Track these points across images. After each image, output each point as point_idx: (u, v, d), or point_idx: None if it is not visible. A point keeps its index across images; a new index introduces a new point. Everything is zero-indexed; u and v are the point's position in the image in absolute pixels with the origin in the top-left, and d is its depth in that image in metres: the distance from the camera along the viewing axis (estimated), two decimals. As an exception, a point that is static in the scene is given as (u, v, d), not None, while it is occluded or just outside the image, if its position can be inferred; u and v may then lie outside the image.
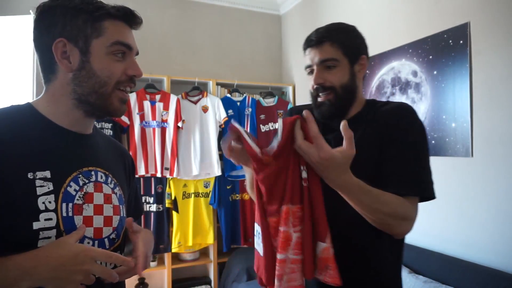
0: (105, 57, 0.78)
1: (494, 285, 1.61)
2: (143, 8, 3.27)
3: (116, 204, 0.85)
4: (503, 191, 1.74)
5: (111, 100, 0.80)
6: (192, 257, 3.19)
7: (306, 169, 0.82)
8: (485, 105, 1.82)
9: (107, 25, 0.78)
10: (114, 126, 2.85)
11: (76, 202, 0.76)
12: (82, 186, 0.77)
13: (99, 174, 0.82)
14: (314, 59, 1.01)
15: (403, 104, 1.00)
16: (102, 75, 0.78)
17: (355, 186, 0.82)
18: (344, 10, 2.86)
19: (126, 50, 0.81)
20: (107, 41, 0.78)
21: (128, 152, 1.03)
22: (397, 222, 0.87)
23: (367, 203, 0.83)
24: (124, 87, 0.81)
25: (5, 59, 2.48)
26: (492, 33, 1.79)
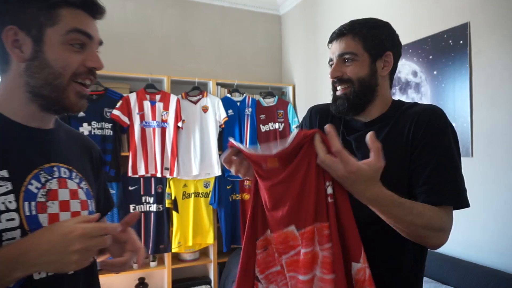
0: (60, 46, 0.72)
1: (494, 285, 1.61)
2: (143, 8, 3.27)
3: (84, 199, 0.82)
4: (503, 191, 1.74)
5: (66, 94, 0.74)
6: (192, 257, 3.19)
7: (332, 185, 0.77)
8: (485, 105, 1.82)
9: (64, 13, 0.72)
10: (114, 126, 2.86)
11: (39, 200, 0.73)
12: (45, 183, 0.74)
13: (62, 170, 0.79)
14: (334, 52, 0.99)
15: (432, 106, 0.95)
16: (56, 65, 0.72)
17: (387, 199, 0.77)
18: (344, 10, 2.86)
19: (85, 40, 0.75)
20: (62, 29, 0.72)
21: (94, 144, 0.98)
22: (433, 233, 0.83)
23: (400, 215, 0.79)
24: (82, 79, 0.76)
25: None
26: (492, 33, 1.79)
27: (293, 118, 3.45)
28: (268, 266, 0.83)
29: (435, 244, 0.86)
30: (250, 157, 0.81)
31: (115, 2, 3.16)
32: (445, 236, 0.86)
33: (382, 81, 0.99)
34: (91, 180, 0.88)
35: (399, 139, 0.92)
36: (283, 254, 0.80)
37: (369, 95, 0.98)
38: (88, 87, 0.78)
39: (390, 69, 0.99)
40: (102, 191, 0.98)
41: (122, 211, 2.88)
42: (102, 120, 2.82)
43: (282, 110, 3.47)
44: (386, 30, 1.01)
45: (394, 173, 0.89)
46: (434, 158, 0.88)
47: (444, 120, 0.92)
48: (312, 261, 0.76)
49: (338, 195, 0.77)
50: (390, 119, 0.97)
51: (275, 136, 3.40)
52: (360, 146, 0.96)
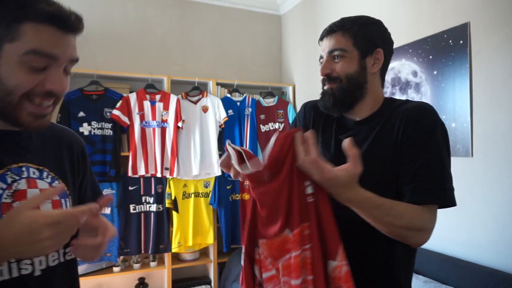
0: (15, 65, 0.67)
1: (494, 285, 1.61)
2: (143, 8, 3.27)
3: (56, 199, 0.80)
4: (503, 191, 1.74)
5: (19, 113, 0.69)
6: (192, 257, 3.19)
7: (312, 184, 0.78)
8: (485, 105, 1.82)
9: (26, 29, 0.66)
10: (114, 126, 2.86)
11: (4, 201, 0.70)
12: (11, 184, 0.72)
13: (31, 170, 0.77)
14: (324, 49, 0.99)
15: (422, 103, 0.95)
16: (9, 83, 0.67)
17: (365, 201, 0.79)
18: (344, 10, 2.86)
19: (46, 62, 0.69)
20: (21, 48, 0.66)
21: (77, 138, 0.94)
22: (412, 233, 0.84)
23: (379, 216, 0.80)
24: (40, 100, 0.70)
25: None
26: (492, 33, 1.79)
27: (293, 118, 3.45)
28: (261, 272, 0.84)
29: (416, 242, 0.87)
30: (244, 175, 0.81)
31: (115, 2, 3.16)
32: (426, 235, 0.86)
33: (372, 78, 0.99)
34: (67, 178, 0.85)
35: (389, 138, 0.92)
36: (279, 258, 0.80)
37: (357, 92, 0.97)
38: (48, 108, 0.73)
39: (380, 66, 0.99)
40: (88, 182, 0.95)
41: (122, 211, 2.89)
42: (102, 120, 2.82)
43: (282, 110, 3.47)
44: (377, 27, 1.00)
45: (385, 171, 0.89)
46: (422, 156, 0.87)
47: (434, 118, 0.91)
48: (304, 264, 0.76)
49: (318, 194, 0.78)
50: (381, 117, 0.96)
51: (275, 136, 3.40)
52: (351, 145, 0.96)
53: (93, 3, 3.05)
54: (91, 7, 3.02)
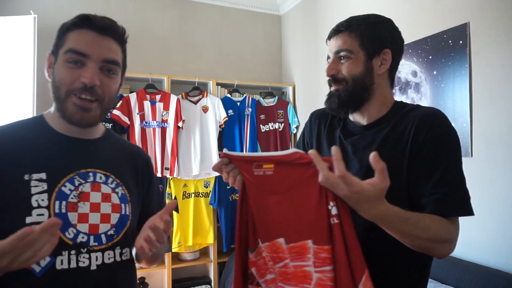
0: (62, 64, 0.83)
1: (494, 285, 1.61)
2: (143, 8, 3.27)
3: (117, 203, 0.90)
4: (503, 191, 1.74)
5: (66, 105, 0.83)
6: (192, 257, 3.20)
7: (336, 205, 0.74)
8: (485, 105, 1.83)
9: (70, 35, 0.84)
10: (114, 126, 2.86)
11: (71, 200, 0.83)
12: (78, 186, 0.85)
13: (98, 175, 0.88)
14: (331, 49, 0.97)
15: (434, 110, 0.91)
16: (57, 81, 0.84)
17: (392, 216, 0.76)
18: (344, 10, 2.86)
19: (80, 58, 0.83)
20: (64, 49, 0.84)
21: (143, 154, 1.07)
22: (439, 245, 0.82)
23: (406, 231, 0.78)
24: (79, 93, 0.83)
25: (6, 59, 2.49)
26: (491, 33, 1.80)
27: (293, 118, 3.46)
28: (264, 274, 0.83)
29: (442, 254, 0.85)
30: (244, 158, 0.81)
31: (115, 2, 3.16)
32: (452, 246, 0.85)
33: (380, 79, 0.95)
34: (131, 186, 0.96)
35: (397, 144, 0.89)
36: (276, 263, 0.80)
37: (363, 94, 0.94)
38: (91, 102, 0.84)
39: (387, 67, 0.96)
40: (155, 196, 1.08)
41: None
42: (102, 120, 2.82)
43: (282, 110, 3.47)
44: (386, 26, 0.98)
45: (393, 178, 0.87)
46: (440, 167, 0.85)
47: (448, 126, 0.89)
48: (304, 277, 0.75)
49: (342, 216, 0.74)
50: (389, 121, 0.93)
51: (275, 136, 3.41)
52: (356, 151, 0.94)
53: (93, 3, 3.06)
54: (91, 7, 3.02)
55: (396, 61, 0.99)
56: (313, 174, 0.75)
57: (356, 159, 0.93)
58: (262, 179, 0.81)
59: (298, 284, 0.75)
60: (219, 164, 0.84)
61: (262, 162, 0.81)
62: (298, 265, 0.76)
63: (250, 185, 0.83)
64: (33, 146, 0.84)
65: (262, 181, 0.81)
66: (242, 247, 0.84)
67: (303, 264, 0.75)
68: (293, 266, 0.76)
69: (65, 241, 0.80)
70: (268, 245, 0.81)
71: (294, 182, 0.78)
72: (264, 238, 0.82)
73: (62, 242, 0.79)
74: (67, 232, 0.81)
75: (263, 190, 0.81)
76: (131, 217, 0.93)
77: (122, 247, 0.90)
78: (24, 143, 0.84)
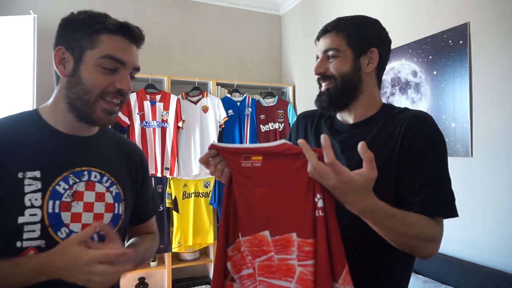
0: (93, 67, 0.82)
1: (494, 285, 1.61)
2: (143, 8, 3.27)
3: (110, 202, 0.90)
4: (503, 191, 1.74)
5: (94, 108, 0.83)
6: (192, 257, 3.20)
7: (323, 198, 0.73)
8: (485, 105, 1.83)
9: (103, 39, 0.82)
10: (114, 126, 2.86)
11: (64, 200, 0.82)
12: (72, 185, 0.84)
13: (92, 174, 0.88)
14: (320, 49, 0.99)
15: (422, 113, 0.93)
16: (88, 83, 0.82)
17: (380, 210, 0.76)
18: (343, 10, 2.86)
19: (117, 65, 0.83)
20: (98, 53, 0.82)
21: (137, 150, 1.06)
22: (424, 244, 0.82)
23: (393, 226, 0.78)
24: (110, 98, 0.84)
25: (6, 59, 2.49)
26: (491, 33, 1.80)
27: (293, 118, 3.46)
28: (241, 269, 0.82)
29: (426, 254, 0.85)
30: (233, 150, 0.81)
31: (115, 2, 3.16)
32: (436, 246, 0.85)
33: (367, 78, 0.98)
34: (126, 184, 0.95)
35: (386, 144, 0.90)
36: (256, 257, 0.79)
37: (352, 91, 0.96)
38: (116, 106, 0.86)
39: (375, 66, 0.97)
40: (150, 193, 1.08)
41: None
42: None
43: (282, 110, 3.47)
44: (373, 26, 0.99)
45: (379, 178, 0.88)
46: (427, 167, 0.87)
47: (436, 128, 0.91)
48: (287, 271, 0.74)
49: (328, 209, 0.73)
50: (377, 122, 0.95)
51: (275, 136, 3.41)
52: (345, 149, 0.95)
53: (93, 3, 3.06)
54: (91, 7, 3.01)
55: (384, 61, 1.01)
56: (301, 166, 0.75)
57: (344, 158, 0.94)
58: (250, 171, 0.80)
59: (281, 277, 0.75)
60: (206, 156, 0.84)
61: (250, 154, 0.80)
62: (282, 258, 0.75)
63: (237, 177, 0.83)
64: (28, 143, 0.82)
65: (250, 173, 0.81)
66: (224, 241, 0.84)
67: (287, 257, 0.75)
68: (277, 259, 0.76)
69: (57, 241, 0.80)
70: (249, 239, 0.80)
71: (282, 174, 0.77)
72: (246, 231, 0.81)
73: (54, 242, 0.79)
74: (59, 232, 0.80)
75: (251, 183, 0.81)
76: (123, 216, 0.93)
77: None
78: (18, 139, 0.81)
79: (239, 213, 0.83)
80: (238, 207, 0.83)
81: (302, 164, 0.75)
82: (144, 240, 1.04)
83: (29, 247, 0.77)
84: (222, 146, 0.83)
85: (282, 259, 0.75)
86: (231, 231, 0.84)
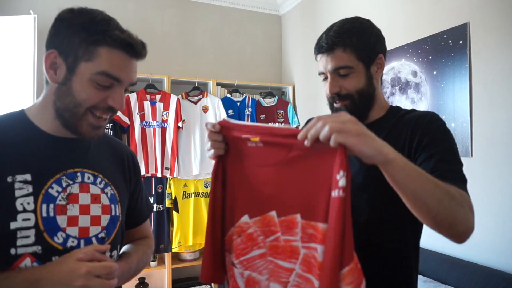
0: (87, 82, 0.77)
1: (494, 285, 1.61)
2: (143, 8, 3.27)
3: (106, 204, 0.86)
4: (503, 191, 1.74)
5: (81, 122, 0.79)
6: (192, 257, 3.20)
7: (345, 176, 0.63)
8: (485, 105, 1.83)
9: (101, 52, 0.76)
10: (114, 126, 2.86)
11: (59, 203, 0.78)
12: (66, 187, 0.80)
13: (85, 175, 0.84)
14: (326, 67, 0.94)
15: (429, 112, 0.94)
16: (78, 97, 0.77)
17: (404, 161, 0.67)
18: (343, 11, 2.86)
19: (112, 82, 0.78)
20: (95, 68, 0.76)
21: (128, 150, 1.02)
22: (466, 211, 0.72)
23: (428, 186, 0.68)
24: (100, 113, 0.80)
25: (6, 59, 2.49)
26: (491, 33, 1.80)
27: (293, 118, 3.46)
28: (243, 253, 0.80)
29: (465, 229, 0.73)
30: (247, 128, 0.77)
31: (115, 2, 3.16)
32: (473, 220, 0.75)
33: (377, 84, 0.99)
34: (119, 185, 0.92)
35: (397, 143, 0.89)
36: (267, 237, 0.78)
37: (369, 104, 0.97)
38: (105, 120, 0.82)
39: (383, 70, 0.98)
40: (143, 194, 1.04)
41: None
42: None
43: (282, 110, 3.47)
44: (372, 31, 0.98)
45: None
46: (438, 151, 0.84)
47: (443, 122, 0.91)
48: (291, 252, 0.73)
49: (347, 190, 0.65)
50: (386, 123, 0.96)
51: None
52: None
53: (93, 3, 3.05)
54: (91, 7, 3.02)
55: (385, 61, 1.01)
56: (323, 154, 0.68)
57: (356, 158, 0.93)
58: (259, 150, 0.77)
59: (286, 258, 0.74)
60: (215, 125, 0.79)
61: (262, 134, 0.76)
62: (287, 239, 0.74)
63: (237, 157, 0.80)
64: (15, 145, 0.77)
65: (258, 152, 0.77)
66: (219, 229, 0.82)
67: (291, 239, 0.74)
68: (283, 240, 0.75)
69: (54, 246, 0.76)
70: (259, 220, 0.78)
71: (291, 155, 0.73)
72: (254, 212, 0.79)
73: (51, 247, 0.75)
74: (56, 237, 0.76)
75: (254, 163, 0.78)
76: (121, 217, 0.90)
77: (111, 250, 0.87)
78: (4, 141, 0.77)
79: (241, 195, 0.80)
80: (240, 189, 0.80)
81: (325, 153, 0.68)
82: (138, 249, 0.98)
83: (24, 253, 0.73)
84: (235, 123, 0.79)
85: (287, 240, 0.74)
86: (228, 216, 0.81)
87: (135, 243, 1.00)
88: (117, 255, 0.90)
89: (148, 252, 1.01)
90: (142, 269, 0.98)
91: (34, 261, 0.73)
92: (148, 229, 1.09)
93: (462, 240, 0.75)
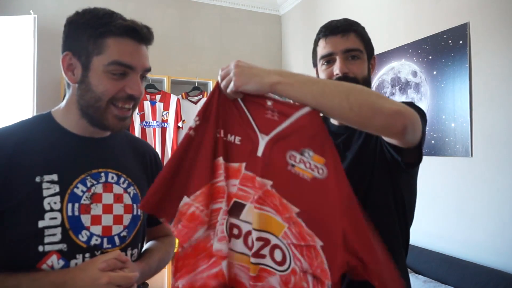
0: (102, 74, 0.79)
1: (494, 285, 1.61)
2: (143, 8, 3.27)
3: (129, 203, 0.89)
4: (503, 191, 1.74)
5: (106, 116, 0.82)
6: (192, 257, 3.19)
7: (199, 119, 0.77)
8: (485, 105, 1.83)
9: (109, 43, 0.79)
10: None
11: (83, 202, 0.81)
12: (90, 187, 0.83)
13: (109, 175, 0.87)
14: (338, 47, 0.93)
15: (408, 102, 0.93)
16: (97, 90, 0.80)
17: (288, 77, 0.71)
18: (343, 10, 2.86)
19: (125, 70, 0.81)
20: (106, 60, 0.79)
21: (151, 150, 1.05)
22: (383, 99, 0.70)
23: (322, 87, 0.69)
24: (121, 104, 0.82)
25: (6, 59, 2.49)
26: (491, 33, 1.80)
27: (293, 118, 3.46)
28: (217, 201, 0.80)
29: (391, 111, 0.68)
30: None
31: (115, 2, 3.16)
32: (398, 106, 0.69)
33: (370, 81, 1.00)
34: (142, 185, 0.93)
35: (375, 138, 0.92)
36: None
37: None
38: (129, 111, 0.85)
39: (374, 71, 1.00)
40: None
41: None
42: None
43: (282, 110, 3.47)
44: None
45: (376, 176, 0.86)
46: None
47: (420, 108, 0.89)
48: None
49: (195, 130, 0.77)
50: None
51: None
52: (348, 148, 0.96)
53: (93, 3, 3.06)
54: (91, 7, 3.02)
55: None
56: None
57: (350, 154, 0.95)
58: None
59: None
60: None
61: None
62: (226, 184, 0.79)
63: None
64: (43, 146, 0.81)
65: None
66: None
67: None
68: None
69: (79, 244, 0.79)
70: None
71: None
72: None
73: (76, 245, 0.79)
74: (80, 235, 0.80)
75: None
76: (142, 217, 0.92)
77: (132, 248, 0.89)
78: (33, 143, 0.81)
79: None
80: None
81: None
82: (160, 248, 1.01)
83: (51, 250, 0.76)
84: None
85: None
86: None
87: (158, 242, 1.03)
88: (138, 253, 0.93)
89: (170, 250, 1.04)
90: (164, 267, 1.02)
91: (60, 258, 0.77)
92: (169, 227, 1.10)
93: (399, 129, 0.69)
